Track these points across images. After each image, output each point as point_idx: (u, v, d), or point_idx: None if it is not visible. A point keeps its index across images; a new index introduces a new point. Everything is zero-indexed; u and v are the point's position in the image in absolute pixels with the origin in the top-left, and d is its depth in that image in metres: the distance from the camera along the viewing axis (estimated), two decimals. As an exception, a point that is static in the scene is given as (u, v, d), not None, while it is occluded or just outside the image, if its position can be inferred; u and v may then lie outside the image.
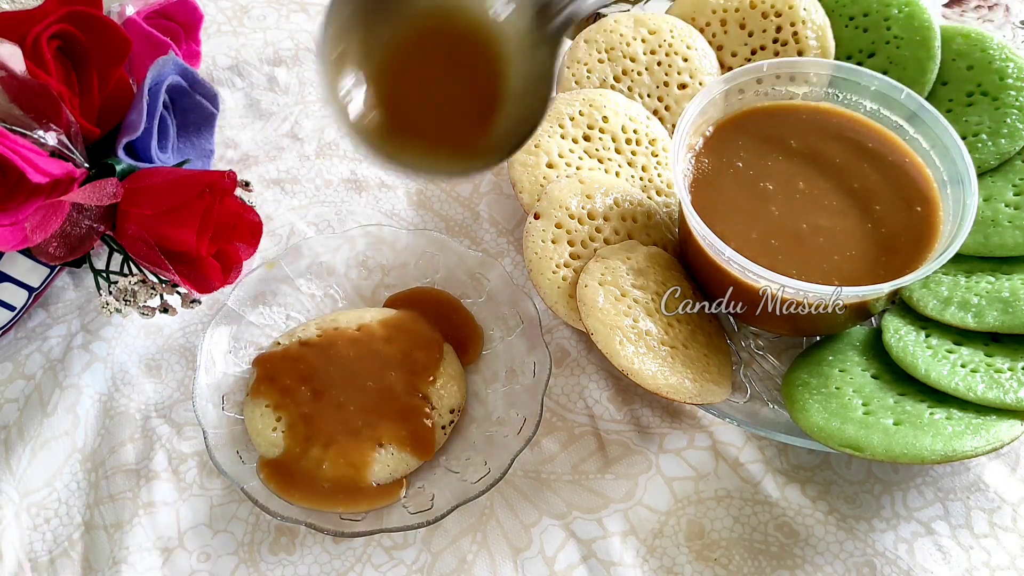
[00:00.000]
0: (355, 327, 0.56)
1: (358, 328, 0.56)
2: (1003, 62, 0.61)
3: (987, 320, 0.53)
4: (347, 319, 0.57)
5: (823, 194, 0.56)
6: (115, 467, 0.54)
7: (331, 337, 0.56)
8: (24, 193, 0.48)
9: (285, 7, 0.79)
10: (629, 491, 0.54)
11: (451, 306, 0.60)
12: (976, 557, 0.52)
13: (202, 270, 0.52)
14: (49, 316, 0.60)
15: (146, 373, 0.58)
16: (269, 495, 0.50)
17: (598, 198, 0.58)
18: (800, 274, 0.51)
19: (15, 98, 0.48)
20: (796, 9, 0.65)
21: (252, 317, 0.58)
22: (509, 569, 0.51)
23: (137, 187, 0.51)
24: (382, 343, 0.55)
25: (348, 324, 0.56)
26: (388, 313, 0.58)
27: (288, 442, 0.52)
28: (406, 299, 0.60)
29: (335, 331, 0.56)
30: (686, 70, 0.65)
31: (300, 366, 0.54)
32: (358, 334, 0.56)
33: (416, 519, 0.49)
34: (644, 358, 0.52)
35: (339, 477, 0.51)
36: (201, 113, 0.61)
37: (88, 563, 0.51)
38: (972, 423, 0.49)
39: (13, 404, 0.57)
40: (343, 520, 0.50)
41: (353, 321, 0.57)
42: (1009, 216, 0.57)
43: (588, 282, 0.54)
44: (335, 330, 0.56)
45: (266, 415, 0.53)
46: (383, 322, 0.57)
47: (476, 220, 0.66)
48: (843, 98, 0.59)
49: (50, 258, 0.50)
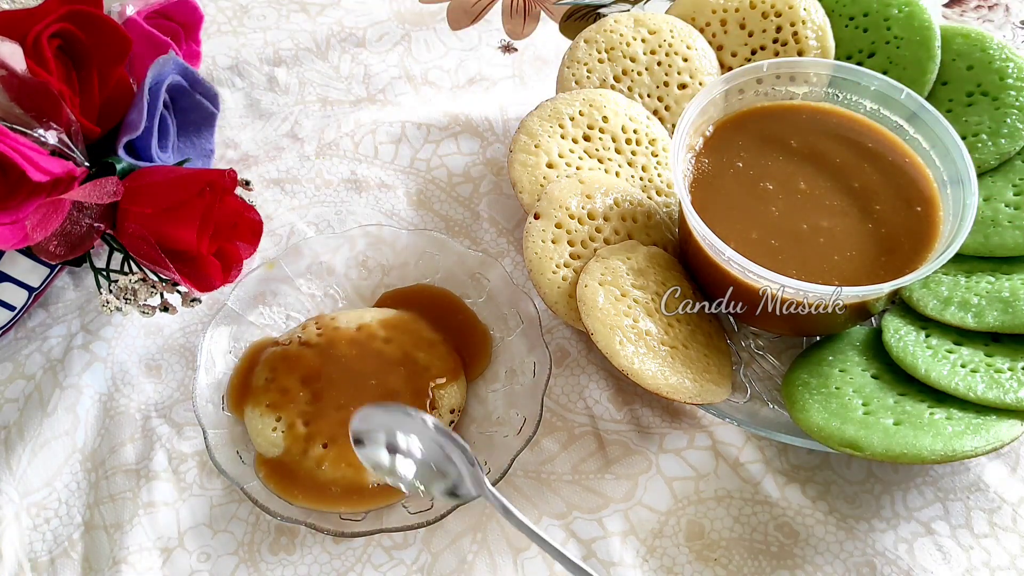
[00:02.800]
0: (355, 327, 0.56)
1: (358, 328, 0.56)
2: (1003, 62, 0.61)
3: (987, 320, 0.53)
4: (347, 319, 0.57)
5: (823, 194, 0.56)
6: (115, 467, 0.54)
7: (331, 337, 0.56)
8: (25, 191, 0.48)
9: (285, 7, 0.79)
10: (629, 491, 0.54)
11: (454, 307, 0.60)
12: (976, 557, 0.52)
13: (202, 268, 0.52)
14: (49, 316, 0.60)
15: (146, 373, 0.58)
16: (269, 495, 0.50)
17: (598, 198, 0.58)
18: (800, 274, 0.51)
19: (16, 97, 0.48)
20: (796, 9, 0.65)
21: (252, 317, 0.58)
22: (509, 569, 0.51)
23: (137, 185, 0.51)
24: (382, 343, 0.55)
25: (348, 324, 0.56)
26: (388, 313, 0.58)
27: (288, 442, 0.52)
28: (407, 297, 0.60)
29: (335, 331, 0.56)
30: (686, 70, 0.65)
31: (300, 366, 0.54)
32: (358, 334, 0.56)
33: (416, 519, 0.49)
34: (644, 358, 0.52)
35: (339, 478, 0.51)
36: (201, 113, 0.61)
37: (88, 563, 0.51)
38: (972, 423, 0.49)
39: (13, 404, 0.57)
40: (343, 520, 0.50)
41: (353, 321, 0.57)
42: (1009, 216, 0.57)
43: (588, 282, 0.54)
44: (335, 330, 0.56)
45: (266, 415, 0.53)
46: (383, 322, 0.57)
47: (476, 220, 0.66)
48: (843, 98, 0.59)
49: (50, 257, 0.50)
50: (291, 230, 0.65)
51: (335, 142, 0.70)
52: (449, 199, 0.67)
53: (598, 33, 0.65)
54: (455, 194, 0.68)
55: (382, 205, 0.67)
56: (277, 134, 0.71)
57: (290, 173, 0.69)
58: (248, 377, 0.55)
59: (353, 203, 0.67)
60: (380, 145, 0.70)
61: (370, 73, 0.75)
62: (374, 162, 0.69)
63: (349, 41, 0.77)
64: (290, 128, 0.71)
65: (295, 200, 0.67)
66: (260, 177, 0.68)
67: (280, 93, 0.74)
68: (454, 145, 0.70)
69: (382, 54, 0.76)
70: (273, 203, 0.67)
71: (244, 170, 0.68)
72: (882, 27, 0.65)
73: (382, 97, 0.74)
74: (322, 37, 0.77)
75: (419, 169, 0.69)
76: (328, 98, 0.73)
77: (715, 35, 0.67)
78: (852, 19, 0.67)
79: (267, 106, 0.73)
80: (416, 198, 0.67)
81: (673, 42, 0.65)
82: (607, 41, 0.65)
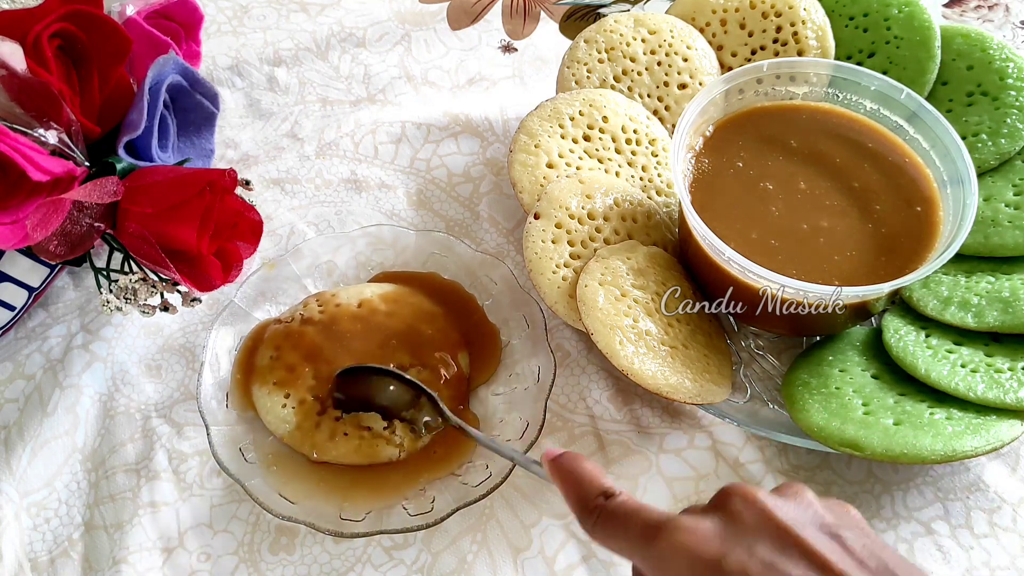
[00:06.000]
0: (356, 303, 0.57)
1: (359, 304, 0.57)
2: (1003, 62, 0.62)
3: (987, 320, 0.53)
4: (347, 295, 0.57)
5: (823, 194, 0.56)
6: (115, 467, 0.54)
7: (333, 314, 0.56)
8: (25, 191, 0.48)
9: (285, 7, 0.79)
10: (629, 491, 0.54)
11: (468, 307, 0.59)
12: (976, 557, 0.52)
13: (203, 268, 0.52)
14: (49, 316, 0.60)
15: (146, 373, 0.58)
16: (270, 494, 0.50)
17: (598, 198, 0.58)
18: (800, 274, 0.51)
19: (16, 96, 0.48)
20: (796, 9, 0.65)
21: (258, 314, 0.58)
22: (509, 569, 0.51)
23: (138, 185, 0.51)
24: (384, 317, 0.56)
25: (349, 300, 0.57)
26: (387, 288, 0.58)
27: (299, 417, 0.52)
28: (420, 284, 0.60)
29: (337, 308, 0.56)
30: (686, 70, 0.65)
31: (304, 343, 0.55)
32: (360, 311, 0.56)
33: (416, 521, 0.49)
34: (644, 358, 0.52)
35: (352, 449, 0.52)
36: (201, 113, 0.61)
37: (88, 563, 0.51)
38: (972, 423, 0.49)
39: (13, 404, 0.57)
40: (343, 521, 0.50)
41: (354, 297, 0.57)
42: (1009, 216, 0.57)
43: (588, 282, 0.54)
44: (337, 307, 0.56)
45: (274, 392, 0.53)
46: (383, 296, 0.57)
47: (476, 220, 0.66)
48: (843, 98, 0.59)
49: (51, 256, 0.50)
50: (291, 230, 0.65)
51: (335, 142, 0.70)
52: (449, 199, 0.67)
53: (598, 33, 0.65)
54: (455, 194, 0.68)
55: (382, 205, 0.67)
56: (277, 134, 0.71)
57: (290, 173, 0.69)
58: (252, 357, 0.55)
59: (353, 203, 0.67)
60: (380, 145, 0.70)
61: (370, 73, 0.75)
62: (374, 162, 0.69)
63: (349, 41, 0.77)
64: (290, 128, 0.71)
65: (295, 200, 0.67)
66: (260, 177, 0.68)
67: (280, 93, 0.74)
68: (454, 145, 0.70)
69: (382, 54, 0.76)
70: (273, 203, 0.67)
71: (244, 170, 0.68)
72: (882, 27, 0.65)
73: (382, 97, 0.74)
74: (322, 37, 0.77)
75: (419, 169, 0.69)
76: (328, 98, 0.73)
77: (715, 35, 0.67)
78: (852, 19, 0.67)
79: (267, 106, 0.73)
80: (416, 198, 0.67)
81: (673, 42, 0.65)
82: (607, 41, 0.65)
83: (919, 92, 0.61)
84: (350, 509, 0.50)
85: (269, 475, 0.51)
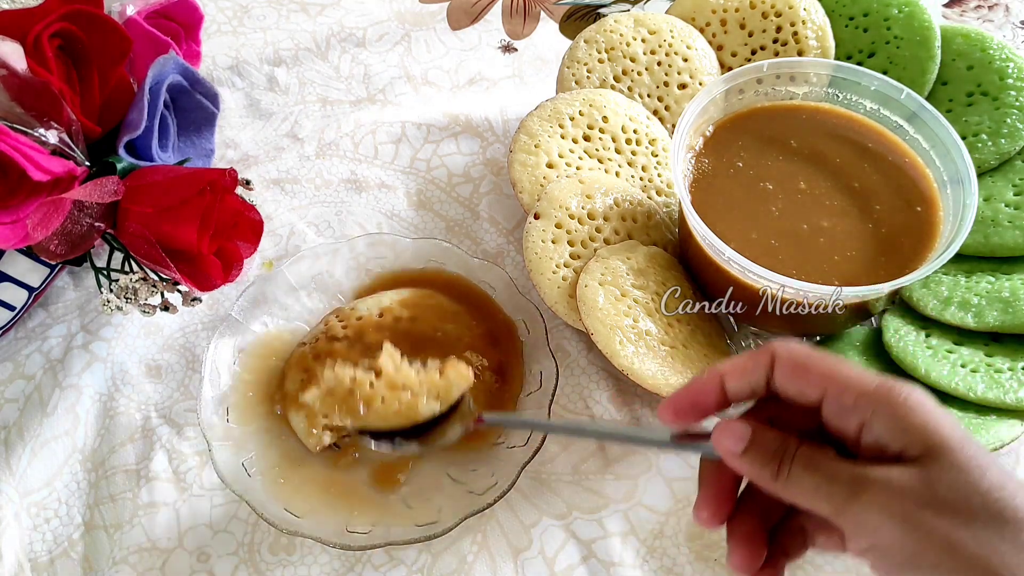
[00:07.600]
0: (377, 313, 0.56)
1: (380, 314, 0.55)
2: (1003, 62, 0.62)
3: (987, 320, 0.53)
4: (366, 306, 0.56)
5: (823, 194, 0.56)
6: (115, 467, 0.54)
7: (357, 328, 0.55)
8: (25, 191, 0.48)
9: (285, 7, 0.79)
10: (629, 491, 0.54)
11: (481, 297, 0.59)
12: (976, 557, 0.52)
13: (203, 268, 0.52)
14: (49, 316, 0.60)
15: (146, 373, 0.58)
16: (276, 509, 0.49)
17: (598, 198, 0.58)
18: (800, 274, 0.51)
19: (16, 96, 0.48)
20: (796, 9, 0.65)
21: (255, 327, 0.57)
22: (509, 569, 0.51)
23: (138, 185, 0.51)
24: (409, 323, 0.55)
25: (369, 311, 0.56)
26: (404, 293, 0.57)
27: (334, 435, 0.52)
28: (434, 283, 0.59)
29: (359, 321, 0.55)
30: (686, 70, 0.65)
31: (335, 360, 0.52)
32: (383, 320, 0.55)
33: (422, 532, 0.48)
34: (644, 358, 0.52)
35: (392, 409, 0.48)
36: (202, 112, 0.61)
37: (88, 563, 0.51)
38: (972, 423, 0.49)
39: (13, 404, 0.57)
40: (350, 533, 0.49)
41: (373, 308, 0.56)
42: (1009, 216, 0.57)
43: (588, 282, 0.54)
44: (359, 320, 0.55)
45: (311, 415, 0.51)
46: (403, 302, 0.56)
47: (476, 220, 0.66)
48: (843, 98, 0.59)
49: (51, 256, 0.50)
50: (291, 230, 0.65)
51: (335, 142, 0.70)
52: (449, 199, 0.67)
53: (598, 33, 0.65)
54: (455, 194, 0.68)
55: (382, 205, 0.67)
56: (277, 134, 0.71)
57: (290, 173, 0.68)
58: (282, 385, 0.54)
59: (353, 203, 0.67)
60: (380, 145, 0.70)
61: (370, 73, 0.75)
62: (374, 162, 0.69)
63: (349, 41, 0.77)
64: (290, 128, 0.71)
65: (295, 200, 0.67)
66: (260, 177, 0.68)
67: (280, 93, 0.74)
68: (454, 145, 0.70)
69: (382, 54, 0.76)
70: (273, 203, 0.67)
71: (244, 170, 0.68)
72: (882, 27, 0.65)
73: (382, 97, 0.74)
74: (322, 37, 0.77)
75: (419, 169, 0.69)
76: (328, 98, 0.73)
77: (715, 35, 0.67)
78: (852, 19, 0.67)
79: (267, 106, 0.73)
80: (416, 198, 0.67)
81: (673, 42, 0.65)
82: (607, 41, 0.65)
83: (919, 92, 0.61)
84: (357, 521, 0.50)
85: (275, 489, 0.51)
